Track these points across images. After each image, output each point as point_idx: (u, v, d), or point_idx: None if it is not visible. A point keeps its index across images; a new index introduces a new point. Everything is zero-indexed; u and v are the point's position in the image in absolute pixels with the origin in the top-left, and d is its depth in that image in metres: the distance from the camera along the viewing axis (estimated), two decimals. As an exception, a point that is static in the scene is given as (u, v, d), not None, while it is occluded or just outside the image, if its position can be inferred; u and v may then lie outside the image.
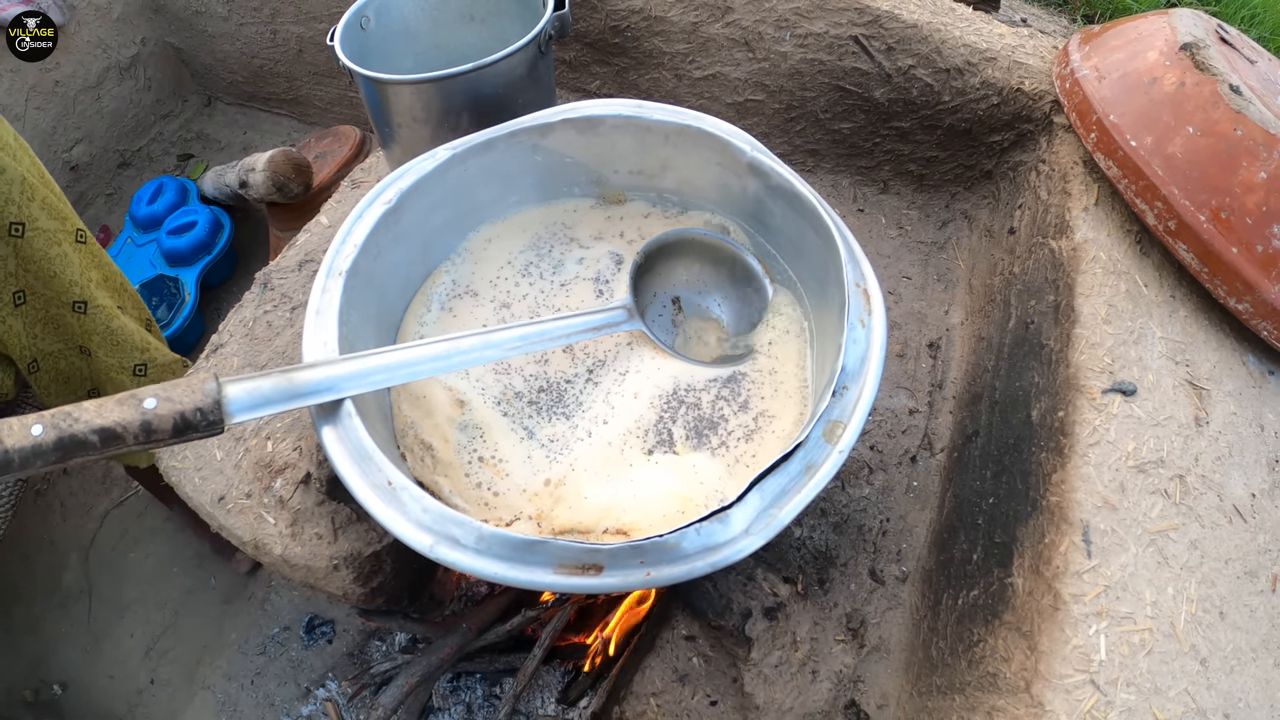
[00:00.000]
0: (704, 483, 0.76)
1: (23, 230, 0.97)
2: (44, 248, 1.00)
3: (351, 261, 0.76)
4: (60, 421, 0.58)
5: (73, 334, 1.08)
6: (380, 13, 1.10)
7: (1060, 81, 1.08)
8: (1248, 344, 0.91)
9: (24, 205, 0.97)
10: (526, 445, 0.81)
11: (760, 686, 0.87)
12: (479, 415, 0.82)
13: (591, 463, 0.80)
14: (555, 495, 0.77)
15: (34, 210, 0.99)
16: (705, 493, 0.75)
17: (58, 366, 1.08)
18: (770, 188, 0.86)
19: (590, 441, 0.81)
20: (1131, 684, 0.67)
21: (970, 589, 0.84)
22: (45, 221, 1.00)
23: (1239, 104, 0.88)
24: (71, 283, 1.05)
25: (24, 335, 1.03)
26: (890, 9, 1.18)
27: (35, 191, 0.99)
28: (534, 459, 0.80)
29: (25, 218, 0.97)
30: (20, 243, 0.97)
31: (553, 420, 0.83)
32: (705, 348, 0.92)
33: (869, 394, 0.68)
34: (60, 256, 1.02)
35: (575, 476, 0.78)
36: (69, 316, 1.06)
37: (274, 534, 0.90)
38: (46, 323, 1.05)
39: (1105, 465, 0.77)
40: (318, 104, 2.01)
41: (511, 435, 0.82)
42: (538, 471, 0.79)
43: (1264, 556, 0.78)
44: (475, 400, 0.83)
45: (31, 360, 1.05)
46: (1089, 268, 0.92)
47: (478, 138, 0.86)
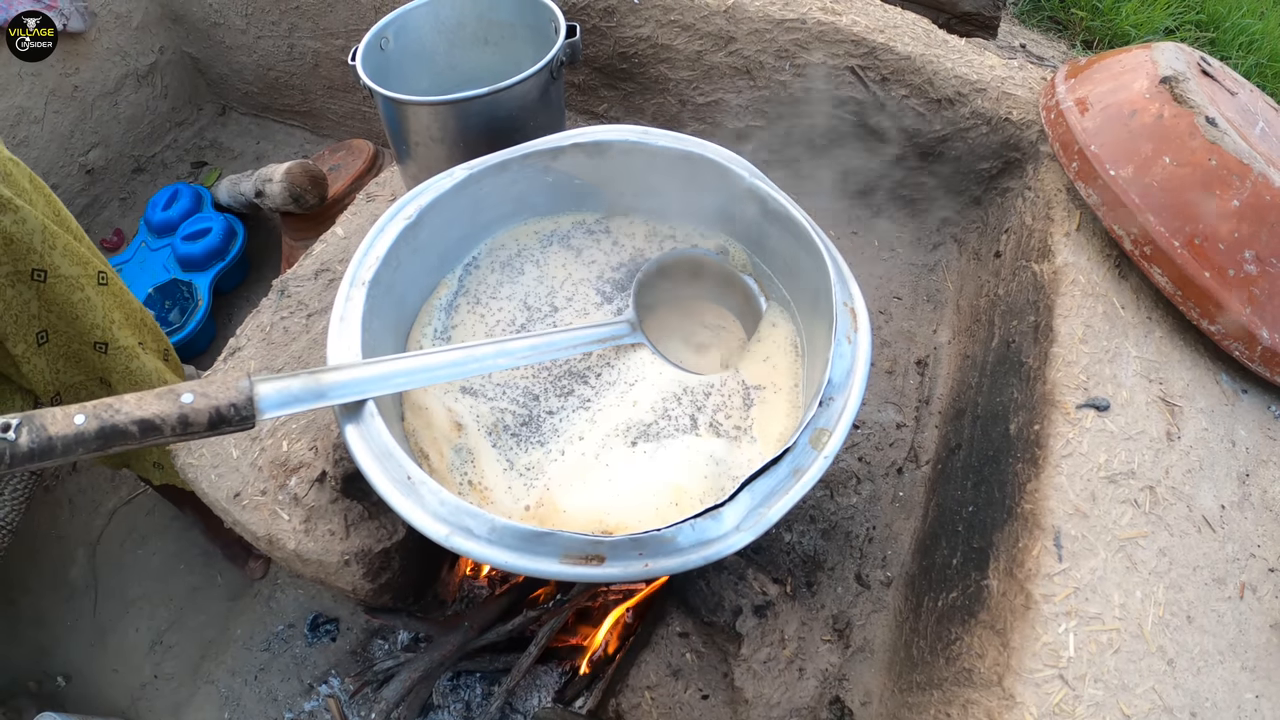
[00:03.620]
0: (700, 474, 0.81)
1: (45, 277, 0.98)
2: (66, 293, 1.01)
3: (374, 272, 0.81)
4: (102, 412, 0.62)
5: (94, 369, 1.10)
6: (399, 34, 1.15)
7: (1046, 113, 1.13)
8: (1221, 364, 0.95)
9: (45, 253, 0.98)
10: (507, 476, 0.84)
11: (750, 681, 0.91)
12: (472, 441, 0.86)
13: (566, 478, 0.82)
14: (537, 518, 0.80)
15: (55, 258, 1.00)
16: (700, 488, 0.80)
17: (79, 396, 1.10)
18: (767, 212, 0.91)
19: (564, 460, 0.84)
20: (1099, 680, 0.71)
21: (949, 591, 0.88)
22: (67, 268, 1.01)
23: (1214, 135, 0.92)
24: (94, 325, 1.06)
25: (47, 371, 1.04)
26: (885, 42, 1.23)
27: (56, 239, 1.00)
28: (514, 489, 0.83)
29: (47, 265, 0.98)
30: (43, 288, 0.99)
31: (529, 449, 0.86)
32: (702, 360, 0.97)
33: (853, 404, 0.72)
34: (83, 301, 1.04)
35: (551, 496, 0.81)
36: (90, 354, 1.08)
37: (288, 530, 0.94)
38: (69, 358, 1.06)
39: (1077, 475, 0.81)
40: (331, 117, 2.06)
41: (496, 465, 0.84)
42: (518, 500, 0.82)
43: (1233, 565, 0.82)
44: (471, 426, 0.87)
45: (55, 394, 1.07)
46: (1068, 290, 0.97)
47: (493, 159, 0.91)
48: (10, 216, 0.93)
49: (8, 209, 0.93)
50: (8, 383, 1.08)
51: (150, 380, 1.18)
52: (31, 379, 1.04)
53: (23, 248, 0.95)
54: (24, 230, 0.95)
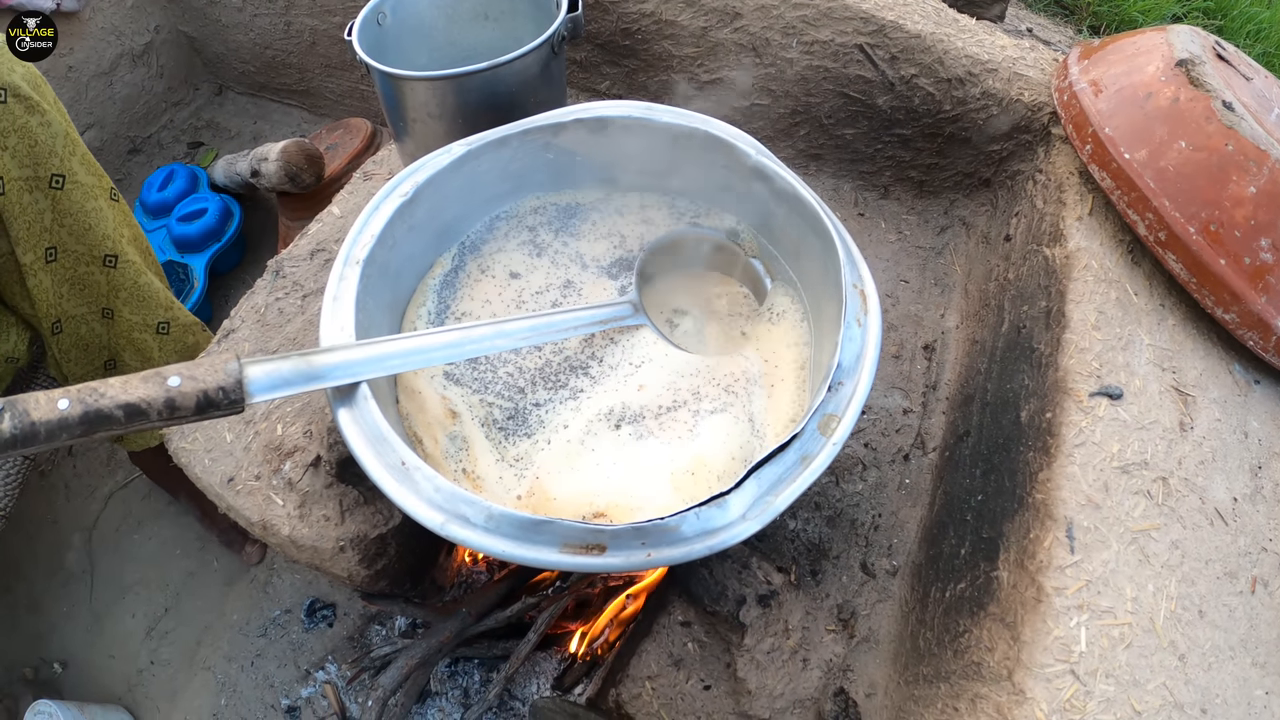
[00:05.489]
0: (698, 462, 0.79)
1: (63, 183, 1.01)
2: (81, 200, 1.03)
3: (368, 251, 0.78)
4: (86, 396, 0.60)
5: (99, 294, 1.10)
6: (397, 9, 1.13)
7: (1059, 94, 1.11)
8: (1234, 353, 0.93)
9: (65, 158, 1.01)
10: (498, 467, 0.82)
11: (753, 672, 0.90)
12: (467, 430, 0.84)
13: (554, 465, 0.81)
14: (529, 507, 0.78)
15: (74, 164, 1.02)
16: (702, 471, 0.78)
17: (78, 331, 1.11)
18: (774, 190, 0.88)
19: (550, 449, 0.82)
20: (1110, 675, 0.69)
21: (957, 582, 0.87)
22: (84, 176, 1.04)
23: (1231, 120, 0.90)
24: (105, 236, 1.08)
25: (51, 292, 1.05)
26: (895, 19, 1.20)
27: (76, 146, 1.03)
28: (505, 479, 0.81)
29: (66, 170, 1.01)
30: (59, 195, 1.01)
31: (517, 441, 0.84)
32: (707, 342, 0.95)
33: (863, 390, 0.70)
34: (96, 210, 1.06)
35: (540, 485, 0.80)
36: (98, 273, 1.09)
37: (282, 515, 0.92)
38: (74, 282, 1.07)
39: (1090, 465, 0.79)
40: (329, 96, 2.03)
41: (488, 455, 0.83)
42: (509, 490, 0.80)
43: (1244, 559, 0.80)
44: (465, 415, 0.85)
45: (55, 321, 1.07)
46: (1081, 275, 0.94)
47: (492, 135, 0.89)
48: (38, 118, 0.97)
49: (36, 110, 0.96)
50: (6, 315, 1.09)
51: (158, 298, 1.19)
52: (36, 296, 1.05)
53: (45, 150, 0.98)
54: (49, 134, 0.98)
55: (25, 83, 0.95)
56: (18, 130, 0.94)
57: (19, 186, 0.96)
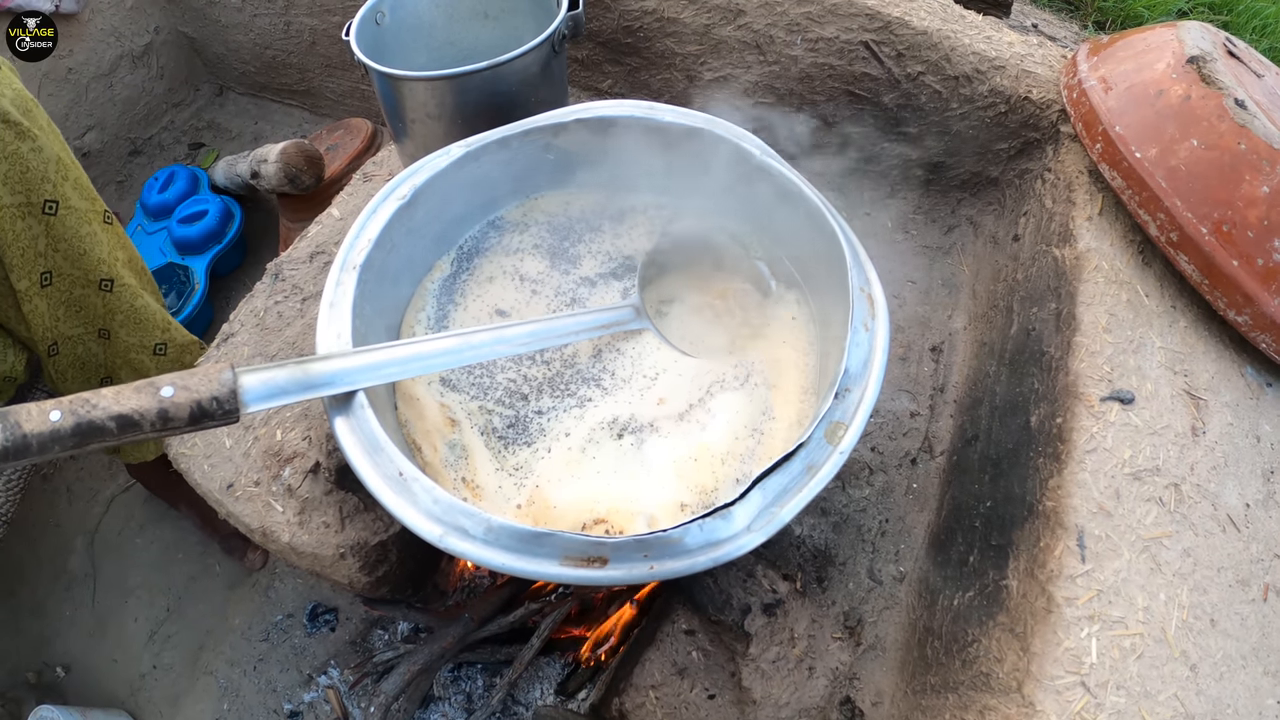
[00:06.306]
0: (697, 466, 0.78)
1: (56, 209, 0.99)
2: (75, 226, 1.02)
3: (365, 256, 0.77)
4: (78, 408, 0.59)
5: (95, 315, 1.09)
6: (395, 8, 1.11)
7: (1068, 91, 1.09)
8: (1247, 356, 0.92)
9: (58, 184, 1.00)
10: (498, 476, 0.81)
11: (758, 681, 0.89)
12: (467, 438, 0.83)
13: (554, 473, 0.80)
14: (529, 516, 0.78)
15: (67, 190, 1.01)
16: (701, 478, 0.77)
17: (75, 352, 1.10)
18: (779, 190, 0.87)
19: (550, 457, 0.81)
20: (1122, 687, 0.68)
21: (966, 590, 0.85)
22: (77, 201, 1.03)
23: (1243, 118, 0.89)
24: (100, 261, 1.07)
25: (47, 316, 1.04)
26: (901, 16, 1.19)
27: (69, 171, 1.02)
28: (504, 488, 0.80)
29: (59, 196, 1.00)
30: (53, 220, 1.00)
31: (516, 450, 0.83)
32: (710, 346, 0.94)
33: (871, 397, 0.69)
34: (90, 235, 1.05)
35: (540, 493, 0.79)
36: (94, 296, 1.08)
37: (282, 522, 0.91)
38: (70, 304, 1.06)
39: (1101, 472, 0.78)
40: (330, 96, 2.02)
41: (488, 465, 0.82)
42: (509, 499, 0.79)
43: (1256, 566, 0.79)
44: (465, 423, 0.84)
45: (51, 343, 1.07)
46: (1091, 277, 0.93)
47: (492, 135, 0.88)
48: (29, 144, 0.95)
49: (27, 136, 0.95)
50: (3, 336, 1.08)
51: (155, 320, 1.18)
52: (31, 321, 1.04)
53: (37, 176, 0.97)
54: (40, 159, 0.97)
55: (15, 108, 0.94)
56: (8, 157, 0.93)
57: (11, 213, 0.95)
